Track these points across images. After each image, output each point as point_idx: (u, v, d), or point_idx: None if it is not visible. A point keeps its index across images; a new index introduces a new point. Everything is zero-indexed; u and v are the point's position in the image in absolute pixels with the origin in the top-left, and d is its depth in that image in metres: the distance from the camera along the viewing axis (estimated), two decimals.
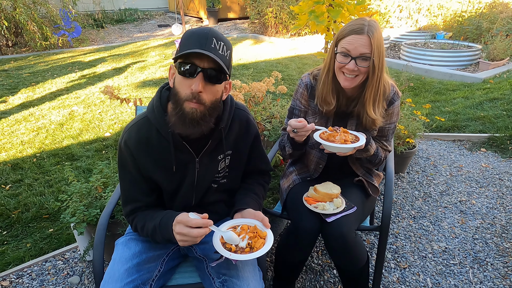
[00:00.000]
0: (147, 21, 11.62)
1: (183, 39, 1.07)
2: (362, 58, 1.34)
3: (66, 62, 6.74)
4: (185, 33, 1.08)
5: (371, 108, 1.45)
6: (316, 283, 1.84)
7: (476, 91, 4.50)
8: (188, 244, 1.06)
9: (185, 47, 1.04)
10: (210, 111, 1.10)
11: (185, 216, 1.05)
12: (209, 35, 1.03)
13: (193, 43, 1.03)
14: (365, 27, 1.33)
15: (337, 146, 1.35)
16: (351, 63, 1.35)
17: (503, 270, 1.88)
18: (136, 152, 1.17)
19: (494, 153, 3.09)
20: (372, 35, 1.32)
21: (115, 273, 1.14)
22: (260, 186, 1.41)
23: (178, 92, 1.07)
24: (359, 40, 1.32)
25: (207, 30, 1.05)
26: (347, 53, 1.35)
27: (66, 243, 2.16)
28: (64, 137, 3.63)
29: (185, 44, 1.05)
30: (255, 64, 6.31)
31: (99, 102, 4.59)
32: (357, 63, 1.35)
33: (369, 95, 1.43)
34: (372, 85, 1.41)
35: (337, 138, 1.39)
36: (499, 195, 2.51)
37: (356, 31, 1.33)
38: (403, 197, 2.54)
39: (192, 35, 1.05)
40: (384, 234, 1.53)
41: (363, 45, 1.32)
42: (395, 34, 7.63)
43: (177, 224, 1.05)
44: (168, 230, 1.09)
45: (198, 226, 1.03)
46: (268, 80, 2.21)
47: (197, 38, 1.03)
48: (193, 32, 1.05)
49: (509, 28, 6.03)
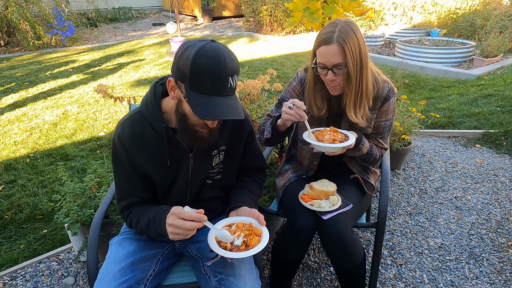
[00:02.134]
0: (141, 19, 11.55)
1: (195, 68, 0.97)
2: (337, 68, 1.33)
3: (59, 61, 6.68)
4: (197, 61, 0.96)
5: (352, 112, 1.43)
6: (313, 281, 1.84)
7: (471, 88, 4.52)
8: (179, 238, 1.03)
9: (199, 87, 0.98)
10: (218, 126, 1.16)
11: (179, 208, 1.04)
12: (225, 76, 0.98)
13: (209, 84, 0.98)
14: (333, 34, 1.28)
15: (325, 146, 1.34)
16: (329, 74, 1.34)
17: (498, 265, 1.88)
18: (130, 147, 1.15)
19: (488, 149, 3.11)
20: (342, 42, 1.28)
21: (108, 273, 1.13)
22: (256, 184, 1.40)
23: (190, 118, 1.08)
24: (329, 51, 1.29)
25: (223, 68, 0.97)
26: (323, 66, 1.34)
27: (61, 244, 2.14)
28: (58, 137, 3.59)
29: (199, 80, 0.98)
30: (250, 62, 6.30)
31: (93, 102, 4.55)
32: (335, 71, 1.33)
33: (348, 100, 1.42)
34: (351, 90, 1.39)
35: (325, 137, 1.38)
36: (494, 191, 2.52)
37: (325, 41, 1.30)
38: (399, 194, 2.54)
39: (207, 73, 0.97)
40: (381, 231, 1.53)
41: (333, 55, 1.29)
42: (389, 32, 7.65)
43: (171, 215, 1.04)
44: (161, 224, 1.08)
45: (192, 219, 1.01)
46: (263, 77, 2.20)
47: (214, 79, 0.98)
48: (207, 68, 0.96)
49: (503, 25, 6.06)
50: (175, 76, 1.04)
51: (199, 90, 0.99)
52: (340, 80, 1.36)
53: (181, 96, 1.05)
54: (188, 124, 1.09)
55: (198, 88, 0.99)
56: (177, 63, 1.01)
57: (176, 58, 1.02)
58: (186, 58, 0.98)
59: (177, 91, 1.06)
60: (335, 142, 1.36)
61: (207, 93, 0.99)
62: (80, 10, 10.47)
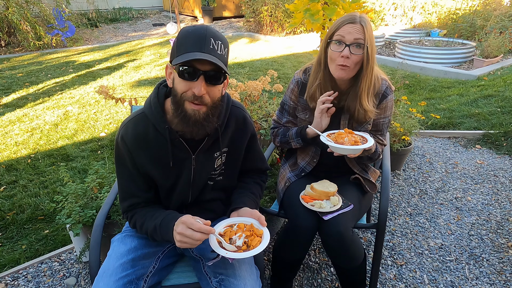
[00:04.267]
0: (142, 20, 11.55)
1: (179, 40, 1.05)
2: (356, 45, 1.36)
3: (60, 61, 6.69)
4: (181, 32, 1.06)
5: (365, 99, 1.46)
6: (314, 281, 1.84)
7: (471, 88, 4.52)
8: (186, 246, 1.05)
9: (182, 49, 1.03)
10: (212, 110, 1.11)
11: (190, 218, 1.05)
12: (207, 36, 1.02)
13: (191, 44, 1.02)
14: (357, 17, 1.38)
15: (348, 148, 1.33)
16: (345, 50, 1.37)
17: (498, 266, 1.89)
18: (133, 148, 1.16)
19: (489, 149, 3.12)
20: (364, 24, 1.36)
21: (109, 268, 1.14)
22: (257, 185, 1.40)
23: (178, 92, 1.06)
24: (352, 28, 1.36)
25: (204, 30, 1.03)
26: (341, 40, 1.38)
27: (62, 244, 2.15)
28: (59, 137, 3.60)
29: (182, 46, 1.03)
30: (250, 63, 6.30)
31: (94, 102, 4.56)
32: (351, 50, 1.36)
33: (364, 86, 1.44)
34: (366, 75, 1.42)
35: (345, 139, 1.38)
36: (494, 192, 2.53)
37: (350, 20, 1.37)
38: (399, 195, 2.55)
39: (189, 36, 1.03)
40: (381, 231, 1.54)
41: (357, 31, 1.36)
42: (390, 32, 7.65)
43: (180, 224, 1.05)
44: (169, 231, 1.09)
45: (201, 231, 1.02)
46: (264, 78, 2.20)
47: (195, 39, 1.02)
48: (190, 32, 1.04)
49: (503, 25, 6.07)
50: (169, 59, 1.09)
51: (181, 52, 1.02)
52: (352, 61, 1.38)
53: (173, 74, 1.08)
54: (178, 102, 1.07)
55: (180, 51, 1.03)
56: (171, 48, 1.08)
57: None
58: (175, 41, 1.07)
59: (172, 74, 1.09)
60: (358, 144, 1.36)
61: (187, 51, 1.02)
62: (80, 10, 10.47)
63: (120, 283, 1.11)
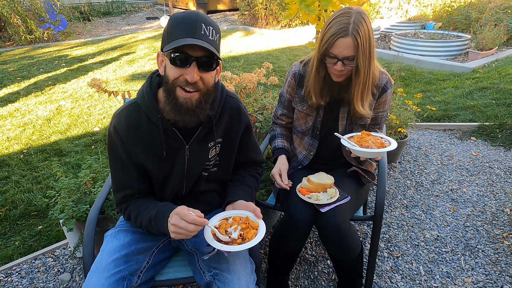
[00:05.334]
0: (135, 13, 11.41)
1: (170, 26, 1.03)
2: (347, 60, 1.33)
3: (52, 56, 6.59)
4: (172, 19, 1.03)
5: (358, 104, 1.45)
6: (310, 274, 1.84)
7: (466, 81, 4.53)
8: (181, 237, 1.05)
9: (173, 35, 1.00)
10: (205, 97, 1.09)
11: (184, 209, 1.04)
12: (197, 21, 1.00)
13: (182, 31, 0.99)
14: (349, 26, 1.27)
15: (375, 152, 1.32)
16: (338, 65, 1.34)
17: (493, 257, 1.90)
18: (126, 138, 1.14)
19: (484, 141, 3.12)
20: (356, 35, 1.28)
21: (102, 264, 1.12)
22: (253, 178, 1.39)
23: (170, 79, 1.04)
24: (343, 44, 1.30)
25: (194, 16, 1.01)
26: (333, 56, 1.34)
27: (56, 240, 2.12)
28: (52, 132, 3.55)
29: (173, 32, 1.01)
30: (245, 56, 6.25)
31: (87, 97, 4.50)
32: (344, 62, 1.34)
33: (356, 92, 1.42)
34: (358, 82, 1.39)
35: (369, 142, 1.37)
36: (489, 183, 2.54)
37: (342, 33, 1.28)
38: (395, 187, 2.55)
39: (180, 22, 1.01)
40: (378, 223, 1.53)
41: (347, 48, 1.30)
42: (385, 25, 7.63)
43: (174, 215, 1.04)
44: (164, 223, 1.08)
45: (195, 223, 1.02)
46: (259, 71, 2.18)
47: (186, 25, 0.99)
48: (181, 18, 1.01)
49: (498, 18, 6.07)
50: (161, 48, 1.07)
51: (172, 39, 1.00)
52: (347, 69, 1.37)
53: (165, 61, 1.06)
54: (170, 89, 1.05)
55: (172, 37, 1.01)
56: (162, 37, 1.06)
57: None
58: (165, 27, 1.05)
59: (163, 62, 1.08)
60: (384, 146, 1.36)
61: (179, 37, 1.00)
62: (72, 3, 10.31)
63: (112, 279, 1.09)
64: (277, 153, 1.64)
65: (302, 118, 1.62)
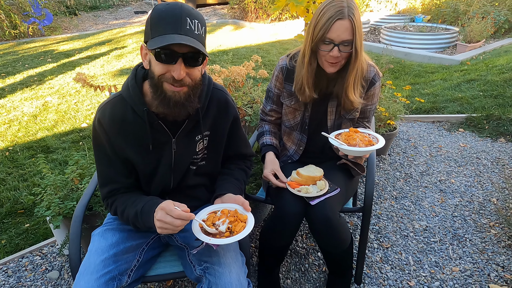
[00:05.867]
0: (123, 7, 11.22)
1: (153, 19, 0.99)
2: (344, 44, 1.31)
3: (38, 51, 6.45)
4: (155, 11, 0.99)
5: (351, 91, 1.43)
6: (301, 266, 1.85)
7: (454, 73, 4.57)
8: (168, 232, 1.04)
9: (158, 31, 0.97)
10: (193, 90, 1.07)
11: (169, 204, 1.02)
12: (182, 15, 0.97)
13: (166, 26, 0.97)
14: (345, 9, 1.27)
15: (363, 150, 1.31)
16: (334, 50, 1.31)
17: (480, 245, 1.93)
18: (110, 131, 1.12)
19: (471, 133, 3.16)
20: (353, 18, 1.27)
21: (90, 265, 1.10)
22: (242, 171, 1.38)
23: (156, 75, 1.02)
24: (341, 26, 1.27)
25: (179, 9, 0.97)
26: (330, 41, 1.30)
27: (44, 238, 2.09)
28: (38, 129, 3.48)
29: (157, 26, 0.98)
30: (235, 50, 6.21)
31: (74, 92, 4.42)
32: (340, 48, 1.31)
33: (351, 79, 1.41)
34: (355, 68, 1.38)
35: (357, 140, 1.36)
36: (477, 173, 2.58)
37: (338, 16, 1.26)
38: (385, 179, 2.57)
39: (164, 16, 0.97)
40: (367, 215, 1.54)
41: (345, 30, 1.27)
42: (375, 18, 7.64)
43: (160, 210, 1.02)
44: (150, 217, 1.06)
45: (181, 218, 1.00)
46: (248, 64, 2.16)
47: (170, 19, 0.97)
48: (164, 12, 0.98)
49: (485, 10, 6.12)
50: (144, 42, 1.04)
51: (157, 34, 0.98)
52: (342, 57, 1.34)
53: (149, 56, 1.03)
54: (157, 84, 1.03)
55: (156, 32, 0.98)
56: (144, 28, 1.04)
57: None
58: (148, 19, 1.01)
59: (147, 55, 1.05)
60: (372, 143, 1.35)
61: (163, 33, 0.97)
62: None
63: (102, 280, 1.08)
64: (264, 149, 1.61)
65: (290, 113, 1.61)
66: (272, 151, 1.58)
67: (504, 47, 5.46)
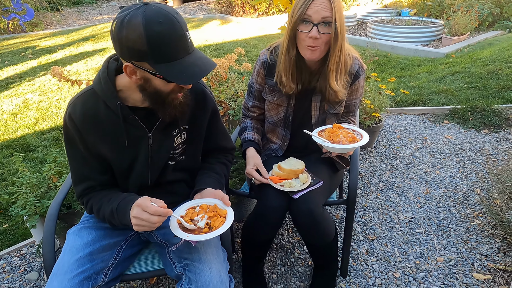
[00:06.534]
0: (107, 2, 11.01)
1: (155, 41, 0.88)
2: (324, 23, 1.26)
3: (18, 47, 6.27)
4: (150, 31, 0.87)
5: (333, 80, 1.39)
6: (287, 260, 1.83)
7: (439, 66, 4.60)
8: (144, 229, 1.00)
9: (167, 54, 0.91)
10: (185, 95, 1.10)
11: (146, 200, 0.99)
12: (184, 33, 0.92)
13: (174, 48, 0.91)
14: None
15: (347, 147, 1.30)
16: (313, 30, 1.26)
17: (465, 235, 1.94)
18: (82, 127, 1.07)
19: (456, 124, 3.19)
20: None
21: (64, 265, 1.06)
22: (222, 165, 1.35)
23: (163, 91, 1.01)
24: (320, 5, 1.24)
25: (179, 27, 0.90)
26: (308, 20, 1.26)
27: (23, 238, 2.03)
28: (18, 127, 3.38)
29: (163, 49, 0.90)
30: (222, 45, 6.14)
31: (56, 89, 4.31)
32: (320, 29, 1.26)
33: (332, 65, 1.36)
34: (335, 54, 1.33)
35: (341, 137, 1.33)
36: (461, 164, 2.59)
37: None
38: (371, 171, 2.57)
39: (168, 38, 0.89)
40: (351, 207, 1.53)
41: (324, 8, 1.24)
42: (361, 12, 7.65)
43: (136, 207, 0.99)
44: (126, 215, 1.02)
45: (158, 214, 0.97)
46: (230, 56, 2.11)
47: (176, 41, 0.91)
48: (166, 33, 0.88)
49: (469, 4, 6.18)
50: (129, 59, 0.94)
51: (167, 60, 0.92)
52: (322, 41, 1.29)
53: (146, 75, 0.97)
54: (164, 97, 1.03)
55: (164, 58, 0.91)
56: (124, 44, 0.90)
57: (118, 39, 0.90)
58: (135, 35, 0.88)
59: (140, 73, 0.97)
60: (355, 139, 1.33)
61: (176, 58, 0.92)
62: None
63: (75, 280, 1.04)
64: (245, 145, 1.56)
65: (274, 109, 1.57)
66: (252, 147, 1.54)
67: (488, 40, 5.52)
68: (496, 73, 3.89)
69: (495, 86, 3.64)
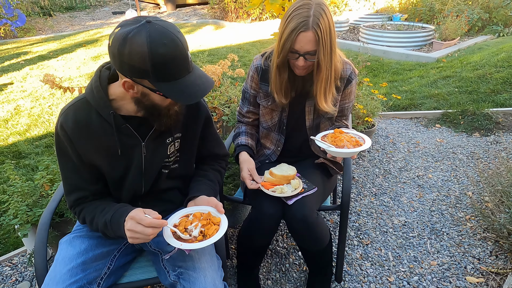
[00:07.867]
0: (100, 8, 10.98)
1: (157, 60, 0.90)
2: (309, 54, 1.29)
3: (10, 53, 6.22)
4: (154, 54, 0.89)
5: (322, 101, 1.41)
6: (282, 266, 1.83)
7: (431, 70, 4.66)
8: (139, 242, 1.00)
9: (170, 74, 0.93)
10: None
11: (140, 212, 0.99)
12: (186, 54, 0.95)
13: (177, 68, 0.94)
14: (309, 19, 1.22)
15: (351, 151, 1.31)
16: (300, 60, 1.30)
17: (457, 239, 1.96)
18: (74, 136, 1.06)
19: (447, 128, 3.23)
20: (317, 28, 1.23)
21: (56, 275, 1.04)
22: (216, 172, 1.35)
23: (161, 105, 1.04)
24: (304, 38, 1.25)
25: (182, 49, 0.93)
26: (294, 52, 1.29)
27: (14, 248, 2.00)
28: (10, 134, 3.35)
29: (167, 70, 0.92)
30: (215, 50, 6.16)
31: (48, 95, 4.27)
32: (306, 57, 1.30)
33: (319, 89, 1.39)
34: (320, 78, 1.36)
35: (345, 141, 1.35)
36: (453, 168, 2.62)
37: (302, 29, 1.24)
38: (364, 176, 2.58)
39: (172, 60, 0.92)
40: (345, 212, 1.53)
41: (308, 42, 1.25)
42: (354, 17, 7.73)
43: (129, 220, 0.99)
44: (120, 227, 1.02)
45: (152, 226, 0.97)
46: (224, 62, 2.12)
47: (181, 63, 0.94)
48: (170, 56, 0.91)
49: (459, 9, 6.28)
50: (129, 75, 0.94)
51: (168, 79, 0.94)
52: (309, 65, 1.33)
53: (144, 90, 0.98)
54: (161, 110, 1.06)
55: (166, 77, 0.93)
56: (125, 61, 0.90)
57: (119, 56, 0.90)
58: (139, 54, 0.88)
59: (138, 87, 0.98)
60: (359, 143, 1.35)
61: (177, 77, 0.95)
62: None
63: None
64: (238, 149, 1.56)
65: (268, 113, 1.58)
66: (245, 151, 1.54)
67: (478, 45, 5.61)
68: (486, 77, 3.96)
69: (485, 90, 3.69)
